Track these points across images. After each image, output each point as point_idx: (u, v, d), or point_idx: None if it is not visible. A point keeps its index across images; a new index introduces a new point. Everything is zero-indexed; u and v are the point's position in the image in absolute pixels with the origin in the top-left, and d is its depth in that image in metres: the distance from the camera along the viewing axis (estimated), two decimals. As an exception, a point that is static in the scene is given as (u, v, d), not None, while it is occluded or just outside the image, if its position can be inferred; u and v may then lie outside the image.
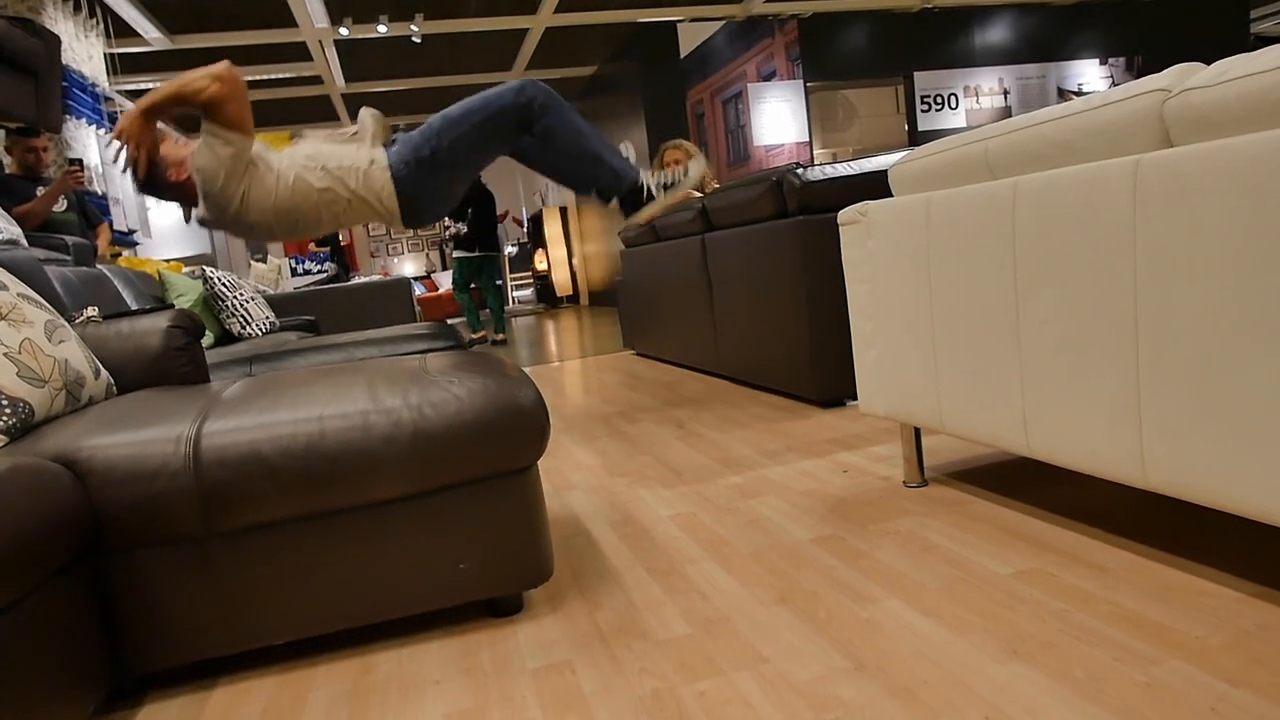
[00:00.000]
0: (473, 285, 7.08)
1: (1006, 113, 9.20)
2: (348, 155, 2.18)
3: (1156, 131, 1.10)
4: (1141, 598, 1.16)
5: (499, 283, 7.24)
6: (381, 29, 7.35)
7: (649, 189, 2.37)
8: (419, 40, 7.73)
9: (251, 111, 2.04)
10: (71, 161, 3.90)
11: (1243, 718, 0.87)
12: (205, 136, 1.99)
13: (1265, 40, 10.69)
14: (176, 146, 2.13)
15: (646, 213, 2.42)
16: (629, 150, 2.33)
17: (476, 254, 6.96)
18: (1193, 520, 1.40)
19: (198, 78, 1.95)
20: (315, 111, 10.08)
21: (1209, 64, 1.06)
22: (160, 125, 2.11)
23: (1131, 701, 0.92)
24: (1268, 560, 1.22)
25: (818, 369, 2.64)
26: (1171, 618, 1.09)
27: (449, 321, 2.57)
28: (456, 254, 7.09)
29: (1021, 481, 1.71)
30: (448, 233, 7.17)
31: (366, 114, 2.36)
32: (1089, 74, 9.51)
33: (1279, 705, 0.88)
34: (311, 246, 10.03)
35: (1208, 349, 1.02)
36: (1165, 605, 1.13)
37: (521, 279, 13.83)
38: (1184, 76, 1.08)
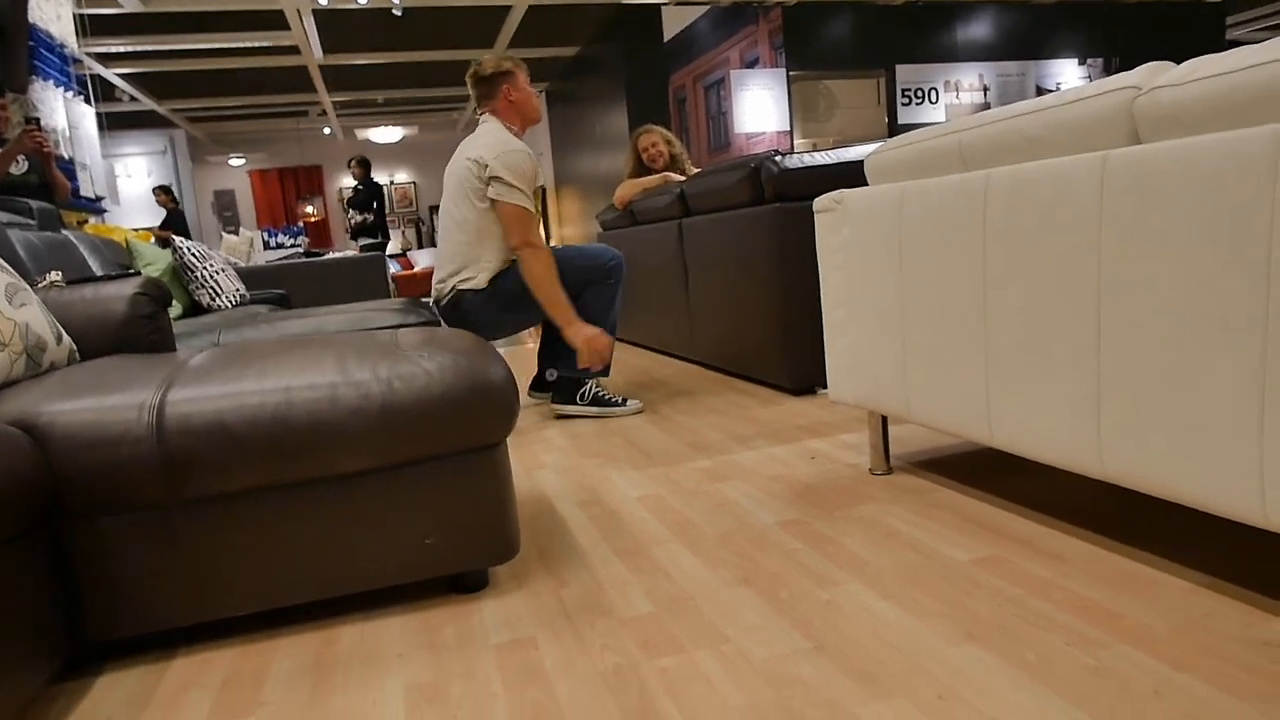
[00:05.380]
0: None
1: (986, 108, 9.27)
2: (501, 255, 2.60)
3: (1126, 128, 1.12)
4: (1095, 585, 1.19)
5: None
6: (362, 1, 7.23)
7: (584, 393, 2.71)
8: (400, 13, 7.61)
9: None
10: (28, 120, 3.79)
11: (1185, 701, 0.89)
12: (512, 208, 2.55)
13: (1241, 45, 10.83)
14: (526, 77, 2.75)
15: (563, 408, 2.76)
16: (638, 406, 2.61)
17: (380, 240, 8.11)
18: (1148, 511, 1.43)
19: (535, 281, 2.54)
20: (290, 82, 9.91)
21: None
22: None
23: (1078, 684, 0.95)
24: (1217, 551, 1.25)
25: (790, 357, 2.66)
26: (1123, 605, 1.12)
27: (423, 300, 2.58)
28: (365, 241, 8.05)
29: (985, 471, 1.74)
30: (351, 223, 8.26)
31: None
32: (1067, 73, 9.61)
33: (1220, 690, 0.91)
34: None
35: (1166, 344, 1.05)
36: (1118, 593, 1.16)
37: (498, 260, 13.70)
38: (1154, 75, 1.09)
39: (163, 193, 8.76)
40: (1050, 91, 9.38)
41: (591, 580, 1.38)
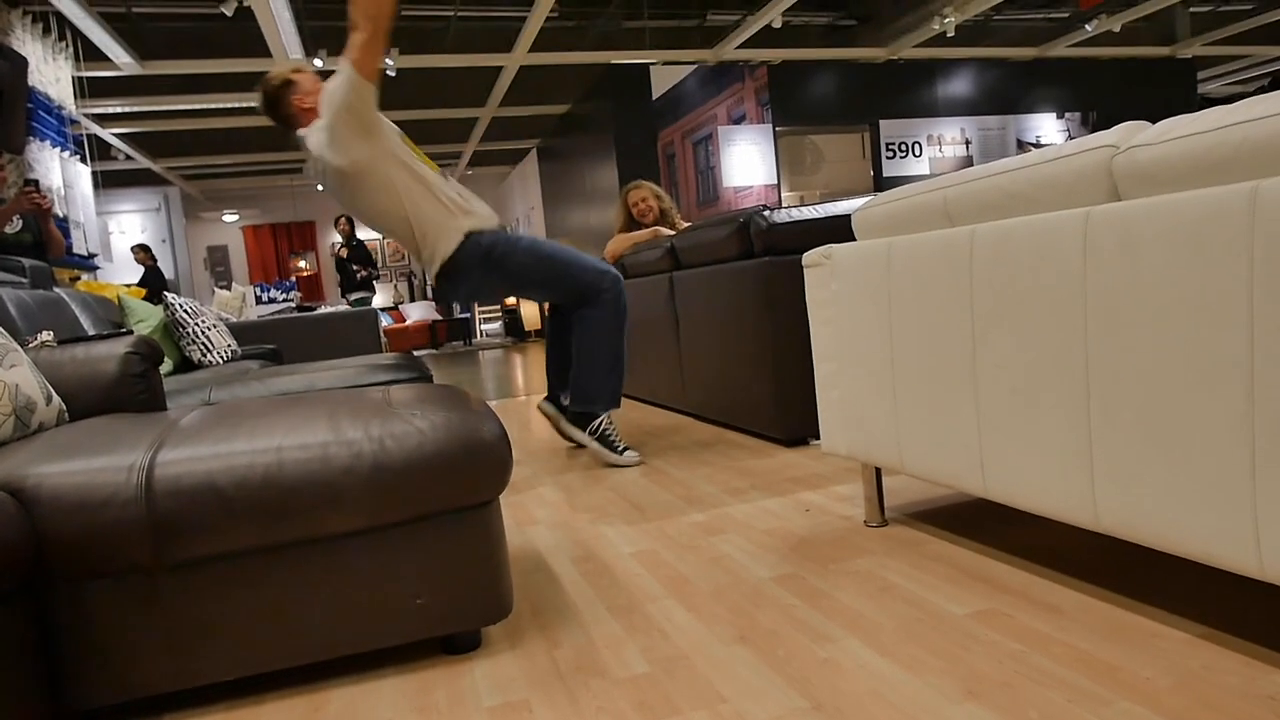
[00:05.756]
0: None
1: (968, 161, 9.47)
2: (447, 212, 2.44)
3: (1106, 185, 1.15)
4: (1094, 638, 1.18)
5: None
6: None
7: (594, 426, 2.68)
8: (393, 74, 7.77)
9: (381, 60, 2.26)
10: (27, 182, 3.84)
11: (1190, 759, 0.88)
12: (342, 69, 2.23)
13: (1212, 101, 11.16)
14: (312, 80, 2.43)
15: (573, 433, 2.75)
16: (635, 459, 2.62)
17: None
18: (1144, 562, 1.43)
19: (368, 6, 2.15)
20: (284, 140, 10.05)
21: (1157, 121, 1.11)
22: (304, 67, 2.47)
23: (1083, 743, 0.93)
24: (1215, 602, 1.25)
25: (782, 408, 2.67)
26: (1122, 658, 1.11)
27: (414, 353, 2.58)
28: (356, 296, 8.22)
29: (979, 522, 1.74)
30: (359, 276, 8.37)
31: (491, 216, 2.60)
32: (1046, 127, 9.85)
33: (1224, 747, 0.89)
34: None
35: (1155, 396, 1.06)
36: (1117, 646, 1.15)
37: (490, 313, 13.80)
38: (1131, 134, 1.13)
39: (140, 250, 8.80)
40: (1030, 144, 9.60)
41: (585, 639, 1.36)
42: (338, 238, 8.90)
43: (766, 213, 2.67)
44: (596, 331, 2.60)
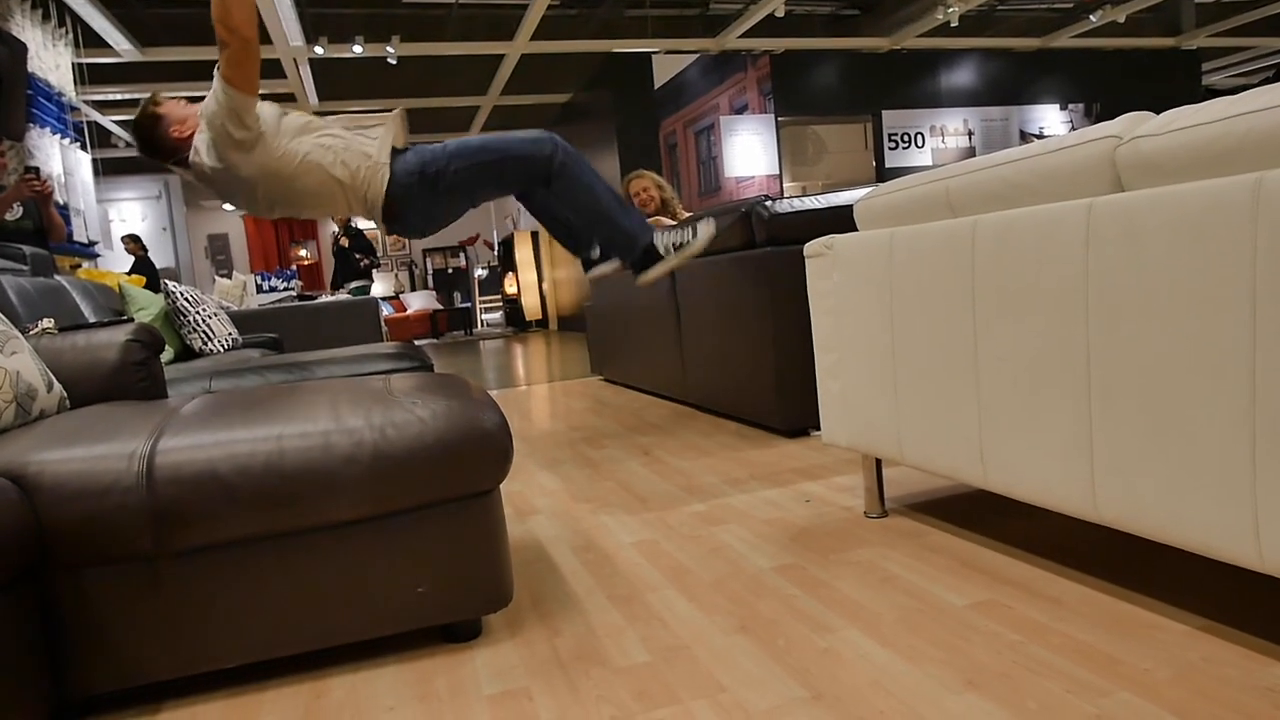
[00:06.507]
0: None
1: (971, 152, 9.44)
2: (362, 153, 2.27)
3: (1109, 176, 1.14)
4: (1093, 630, 1.18)
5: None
6: (357, 49, 7.35)
7: (665, 248, 2.45)
8: (394, 62, 7.74)
9: (255, 73, 2.17)
10: (28, 170, 3.83)
11: (1188, 750, 0.88)
12: (214, 83, 2.12)
13: (1216, 92, 11.11)
14: (181, 107, 2.27)
15: (654, 273, 2.50)
16: (710, 226, 2.29)
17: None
18: (1144, 554, 1.43)
19: (223, 15, 2.05)
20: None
21: (1161, 112, 1.11)
22: (168, 96, 2.31)
23: (1081, 733, 0.94)
24: (1214, 594, 1.25)
25: (783, 398, 2.67)
26: (1122, 650, 1.11)
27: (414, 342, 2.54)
28: (355, 285, 7.99)
29: (980, 513, 1.74)
30: (362, 264, 8.27)
31: (396, 114, 2.41)
32: (1049, 118, 9.81)
33: (1222, 737, 0.90)
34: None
35: (1156, 387, 1.06)
36: (1116, 638, 1.15)
37: (491, 302, 13.79)
38: (1134, 125, 1.12)
39: (131, 241, 8.76)
40: (1033, 135, 9.57)
41: (586, 628, 1.37)
42: (335, 227, 8.86)
43: (768, 203, 2.67)
44: (578, 194, 2.40)
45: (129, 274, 7.80)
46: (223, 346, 3.53)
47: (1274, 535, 0.93)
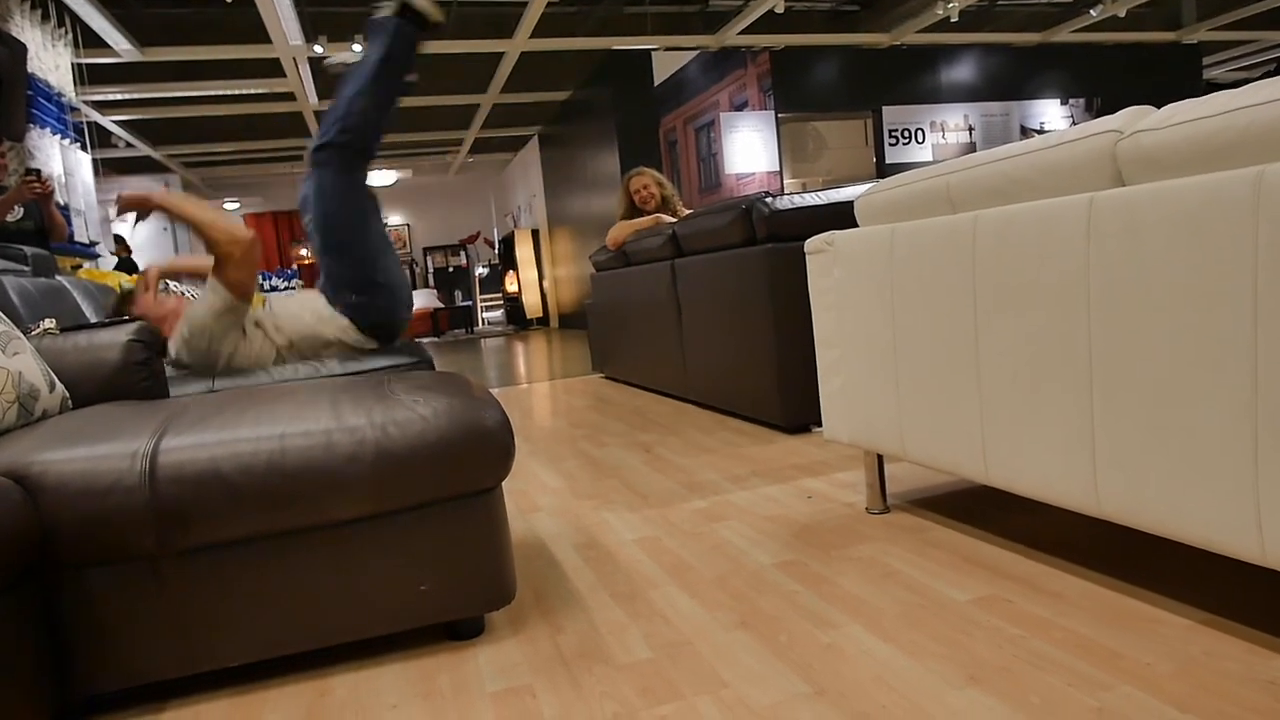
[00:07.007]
0: None
1: (971, 148, 9.42)
2: (307, 323, 2.17)
3: (1109, 171, 1.14)
4: (1095, 624, 1.18)
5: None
6: (356, 48, 7.35)
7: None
8: (394, 60, 7.72)
9: (254, 282, 2.05)
10: (28, 172, 3.83)
11: (1190, 743, 0.88)
12: (209, 284, 2.00)
13: (1217, 86, 11.10)
14: (155, 304, 2.18)
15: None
16: None
17: None
18: (1145, 548, 1.43)
19: (223, 230, 1.95)
20: (285, 127, 10.02)
21: (1162, 107, 1.11)
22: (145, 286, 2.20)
23: (1083, 727, 0.94)
24: (1216, 588, 1.25)
25: (784, 395, 2.67)
26: (1123, 644, 1.11)
27: (417, 341, 2.52)
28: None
29: (981, 509, 1.74)
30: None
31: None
32: (1050, 113, 9.79)
33: (1224, 731, 0.90)
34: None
35: (1158, 381, 1.06)
36: (1118, 632, 1.15)
37: (492, 300, 13.80)
38: (1135, 119, 1.12)
39: (115, 241, 8.75)
40: (1034, 130, 9.55)
41: (588, 625, 1.37)
42: None
43: (769, 199, 2.67)
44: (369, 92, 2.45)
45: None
46: (224, 346, 3.53)
47: (1276, 529, 0.93)
